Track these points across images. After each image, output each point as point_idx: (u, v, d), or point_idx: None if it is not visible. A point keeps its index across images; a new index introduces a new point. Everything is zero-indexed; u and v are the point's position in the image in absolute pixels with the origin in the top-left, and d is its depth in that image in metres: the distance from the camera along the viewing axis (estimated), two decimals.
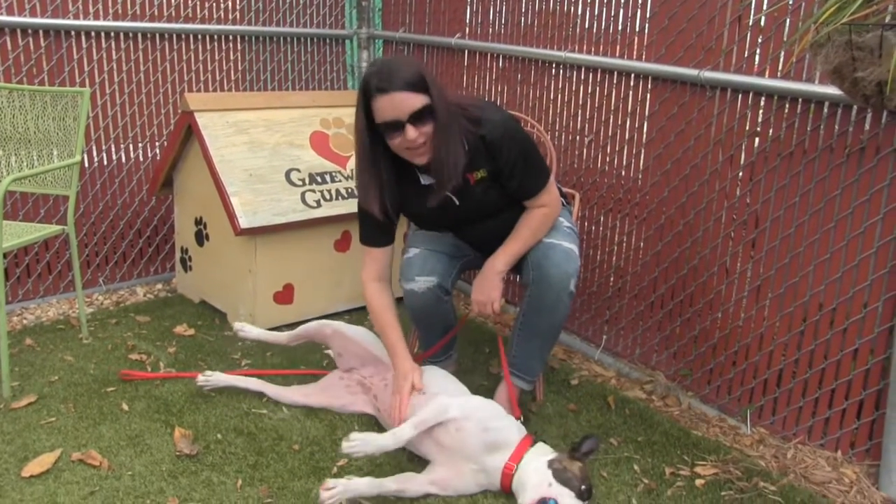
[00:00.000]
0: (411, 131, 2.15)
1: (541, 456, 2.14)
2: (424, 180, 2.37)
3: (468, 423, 2.19)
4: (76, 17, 3.42)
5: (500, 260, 2.43)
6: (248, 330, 2.88)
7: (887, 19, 1.73)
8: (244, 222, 3.04)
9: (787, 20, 2.42)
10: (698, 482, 2.33)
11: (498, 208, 2.45)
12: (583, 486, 2.03)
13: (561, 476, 2.05)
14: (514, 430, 2.23)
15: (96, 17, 3.47)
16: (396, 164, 2.34)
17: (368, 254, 2.51)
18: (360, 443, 2.10)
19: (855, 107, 2.30)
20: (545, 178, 2.42)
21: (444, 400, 2.25)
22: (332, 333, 2.70)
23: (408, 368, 2.40)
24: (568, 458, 2.13)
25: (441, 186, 2.29)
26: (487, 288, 2.45)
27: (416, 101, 2.14)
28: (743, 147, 2.63)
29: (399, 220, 2.51)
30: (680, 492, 2.29)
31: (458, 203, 2.39)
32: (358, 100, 2.23)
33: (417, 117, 2.15)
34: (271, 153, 3.29)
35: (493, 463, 2.17)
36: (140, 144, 3.72)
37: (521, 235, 2.43)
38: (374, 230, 2.48)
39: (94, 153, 3.60)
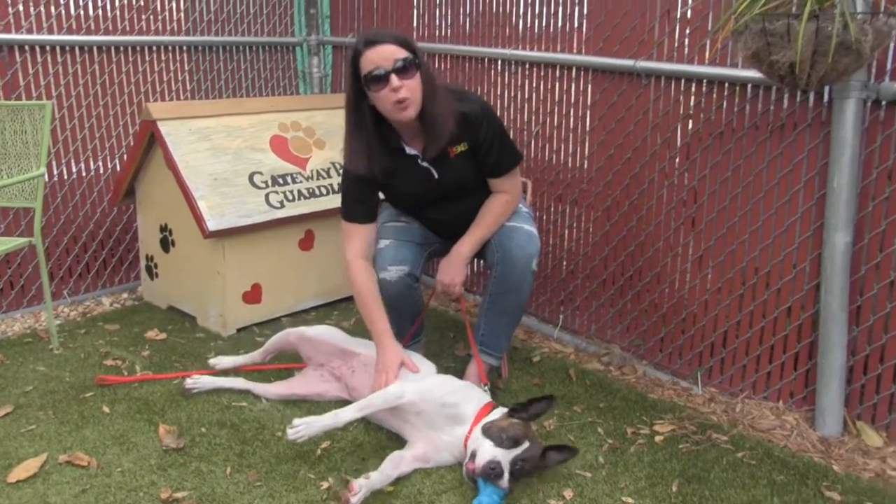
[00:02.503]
0: (395, 80, 2.30)
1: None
2: (409, 150, 2.53)
3: (426, 404, 2.36)
4: (29, 31, 3.48)
5: (466, 245, 2.61)
6: (224, 361, 2.97)
7: (793, 9, 1.98)
8: (212, 225, 3.15)
9: (710, 12, 2.65)
10: (658, 438, 2.54)
11: (471, 186, 2.62)
12: (503, 436, 2.17)
13: (487, 432, 2.21)
14: (472, 402, 2.37)
15: (50, 32, 3.54)
16: (381, 132, 2.49)
17: (352, 229, 2.62)
18: (303, 427, 2.25)
19: (774, 87, 2.55)
20: (517, 158, 2.62)
21: (395, 388, 2.39)
22: (297, 339, 2.83)
23: (394, 349, 2.52)
24: (505, 416, 2.28)
25: (434, 139, 2.44)
26: (452, 272, 2.63)
27: (401, 52, 2.31)
28: (678, 129, 2.85)
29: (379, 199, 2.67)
30: (642, 448, 2.49)
31: (437, 176, 2.56)
32: (346, 66, 2.39)
33: (402, 69, 2.31)
34: (234, 157, 3.40)
35: (459, 434, 2.33)
36: (100, 156, 3.79)
37: (485, 222, 2.61)
38: (357, 204, 2.61)
39: (55, 166, 3.66)
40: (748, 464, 2.39)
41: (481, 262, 2.81)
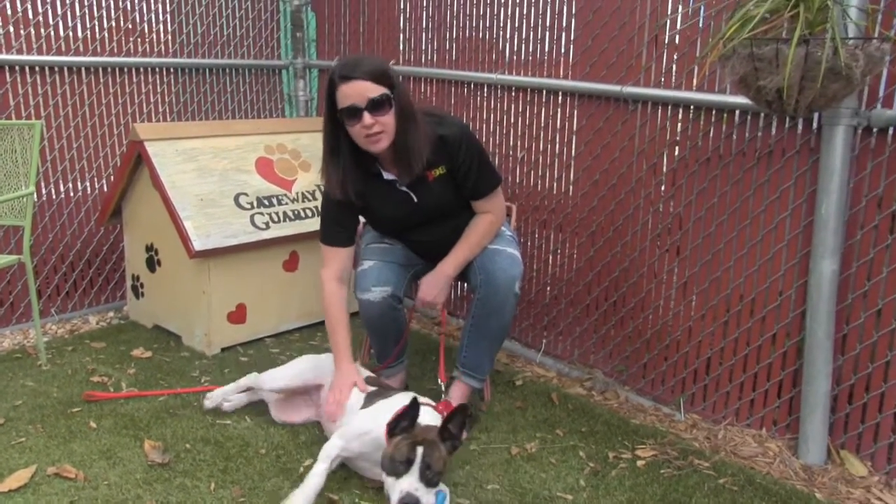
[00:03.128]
0: (367, 118, 2.32)
1: None
2: (386, 175, 2.55)
3: (354, 443, 2.31)
4: (19, 51, 3.49)
5: (450, 264, 2.62)
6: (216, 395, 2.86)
7: (783, 34, 1.99)
8: (198, 245, 3.15)
9: (699, 37, 2.68)
10: (639, 463, 2.53)
11: (451, 209, 2.63)
12: (396, 465, 2.09)
13: (384, 468, 2.14)
14: (380, 426, 2.27)
15: (39, 52, 3.55)
16: (359, 158, 2.50)
17: (329, 252, 2.64)
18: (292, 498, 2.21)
19: (762, 114, 2.56)
20: (497, 181, 2.64)
21: (330, 443, 2.32)
22: (270, 389, 2.79)
23: (349, 370, 2.55)
24: (388, 441, 2.20)
25: (408, 169, 2.46)
26: (435, 290, 2.64)
27: (375, 90, 2.32)
28: (665, 155, 2.87)
29: (357, 223, 2.68)
30: (623, 472, 2.48)
31: (416, 200, 2.57)
32: (324, 90, 2.41)
33: (375, 105, 2.32)
34: (220, 179, 3.41)
35: None
36: (88, 176, 3.79)
37: (469, 242, 2.62)
38: (335, 228, 2.62)
39: (43, 186, 3.66)
40: (730, 490, 2.38)
41: (464, 285, 2.81)
